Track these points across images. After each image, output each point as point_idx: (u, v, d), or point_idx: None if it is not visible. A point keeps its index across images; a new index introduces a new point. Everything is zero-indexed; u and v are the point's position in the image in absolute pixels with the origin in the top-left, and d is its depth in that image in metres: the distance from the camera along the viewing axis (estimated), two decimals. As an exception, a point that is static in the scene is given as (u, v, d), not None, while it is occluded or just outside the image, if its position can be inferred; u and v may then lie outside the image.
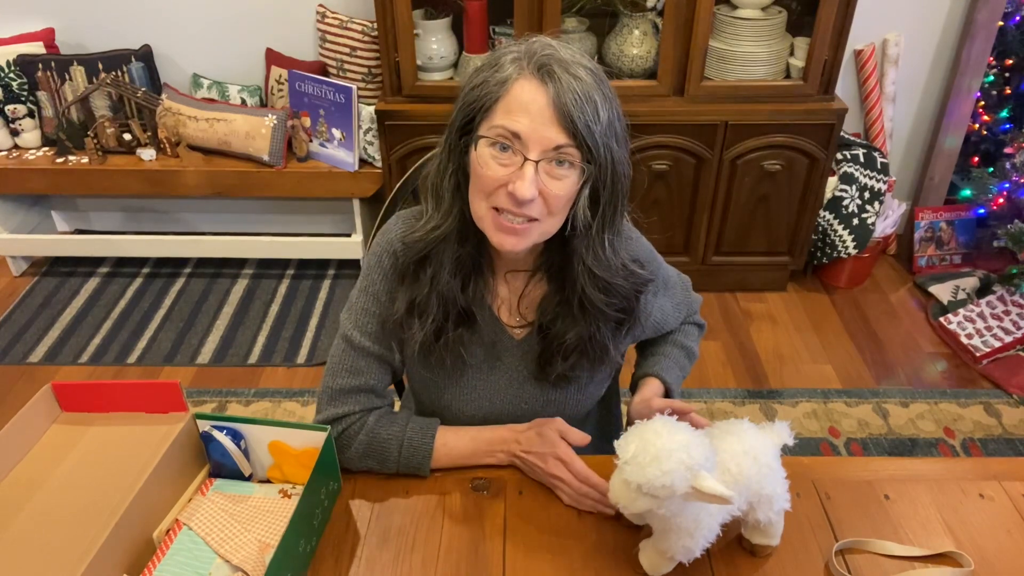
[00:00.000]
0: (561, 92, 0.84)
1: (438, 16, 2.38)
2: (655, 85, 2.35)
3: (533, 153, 0.86)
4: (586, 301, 0.98)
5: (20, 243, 2.82)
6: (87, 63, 2.58)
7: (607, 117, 0.87)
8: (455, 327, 1.02)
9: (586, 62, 0.89)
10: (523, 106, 0.86)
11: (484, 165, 0.89)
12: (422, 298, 1.00)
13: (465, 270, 1.00)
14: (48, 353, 2.50)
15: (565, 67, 0.85)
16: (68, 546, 0.88)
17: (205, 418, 1.00)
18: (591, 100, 0.85)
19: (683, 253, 2.62)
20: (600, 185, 0.91)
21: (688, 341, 1.25)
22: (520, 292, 1.05)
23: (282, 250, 2.82)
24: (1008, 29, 2.56)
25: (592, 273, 0.96)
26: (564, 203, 0.91)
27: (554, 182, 0.88)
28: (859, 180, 2.55)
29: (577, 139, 0.86)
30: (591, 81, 0.87)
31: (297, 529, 0.89)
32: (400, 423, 1.06)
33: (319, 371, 2.42)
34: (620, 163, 0.91)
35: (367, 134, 2.50)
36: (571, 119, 0.84)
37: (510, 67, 0.87)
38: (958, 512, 1.00)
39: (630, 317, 1.04)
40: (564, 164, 0.88)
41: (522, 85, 0.86)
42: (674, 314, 1.22)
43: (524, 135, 0.86)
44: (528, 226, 0.91)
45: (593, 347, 1.02)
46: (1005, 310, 2.50)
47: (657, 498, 0.79)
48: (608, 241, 0.96)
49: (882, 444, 2.14)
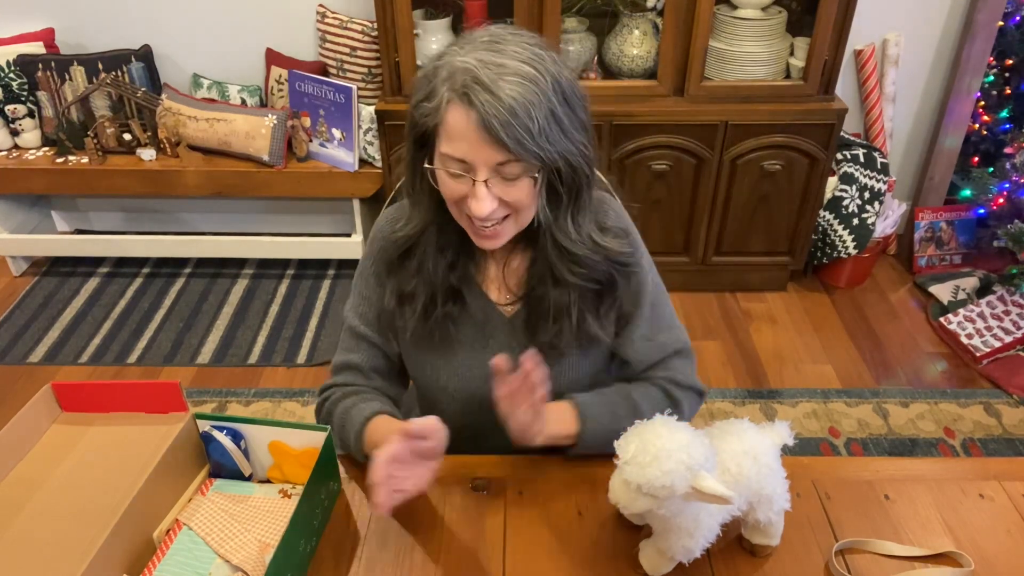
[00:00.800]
0: (485, 116, 0.83)
1: (438, 16, 2.38)
2: (655, 85, 2.35)
3: (480, 174, 0.88)
4: (556, 271, 1.00)
5: (20, 243, 2.83)
6: (87, 63, 2.58)
7: (543, 118, 0.85)
8: (443, 304, 1.05)
9: (516, 62, 0.85)
10: (459, 133, 0.87)
11: (443, 185, 0.93)
12: (409, 288, 1.05)
13: (451, 250, 1.04)
14: (48, 353, 2.50)
15: (486, 86, 0.83)
16: (68, 546, 0.88)
17: (205, 418, 1.00)
18: (517, 114, 0.83)
19: (683, 253, 2.62)
20: (555, 179, 0.92)
21: (643, 402, 1.07)
22: (504, 263, 1.07)
23: (282, 250, 2.82)
24: (1008, 29, 2.56)
25: (558, 244, 0.98)
26: (528, 201, 0.92)
27: (509, 190, 0.90)
28: (859, 180, 2.55)
29: (514, 155, 0.86)
30: (518, 90, 0.83)
31: (297, 529, 0.89)
32: (361, 403, 1.08)
33: (319, 371, 2.42)
34: (572, 154, 0.90)
35: (367, 134, 2.50)
36: (500, 139, 0.84)
37: (441, 89, 0.87)
38: (958, 512, 1.00)
39: (611, 291, 1.04)
40: (512, 175, 0.89)
41: (452, 111, 0.86)
42: (647, 325, 1.10)
43: (467, 159, 0.88)
44: (500, 227, 0.95)
45: (571, 315, 1.03)
46: (1005, 310, 2.50)
47: (657, 498, 0.79)
48: (572, 216, 0.97)
49: (882, 444, 2.14)
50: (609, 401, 1.07)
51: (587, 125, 0.93)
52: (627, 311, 1.09)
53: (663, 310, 1.12)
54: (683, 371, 1.12)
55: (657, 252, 2.61)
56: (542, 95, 0.85)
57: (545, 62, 0.87)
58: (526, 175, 0.89)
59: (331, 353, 2.47)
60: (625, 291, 1.06)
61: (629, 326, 1.10)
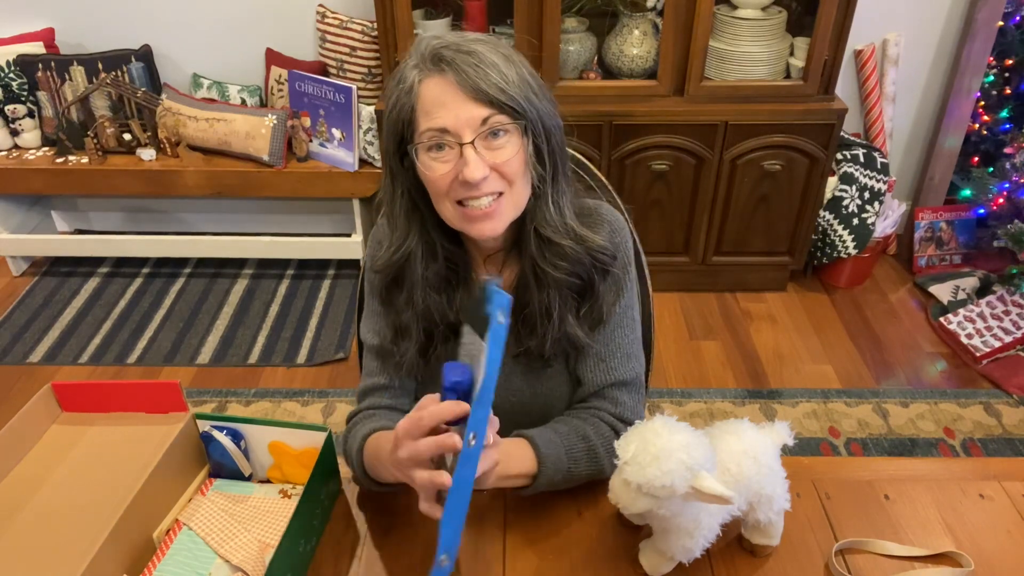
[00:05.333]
0: (460, 71, 0.86)
1: (438, 16, 2.38)
2: (655, 85, 2.35)
3: (466, 136, 0.88)
4: (536, 268, 0.99)
5: (20, 243, 2.83)
6: (87, 63, 2.58)
7: (516, 73, 0.89)
8: (444, 343, 1.03)
9: (480, 35, 0.91)
10: (437, 102, 0.88)
11: (429, 169, 0.91)
12: (402, 321, 1.02)
13: (446, 285, 1.01)
14: (48, 353, 2.50)
15: (456, 48, 0.87)
16: (68, 546, 0.88)
17: (205, 418, 1.00)
18: (493, 64, 0.87)
19: (683, 253, 2.62)
20: (539, 141, 0.93)
21: (597, 440, 1.00)
22: (498, 272, 1.06)
23: (282, 250, 2.82)
24: (1008, 29, 2.56)
25: (539, 234, 0.97)
26: (518, 168, 0.92)
27: (499, 152, 0.90)
28: (859, 180, 2.55)
29: (496, 104, 0.87)
30: (487, 49, 0.88)
31: (297, 529, 0.89)
32: (366, 421, 1.03)
33: (319, 371, 2.43)
34: (547, 115, 0.92)
35: (367, 134, 2.50)
36: (481, 90, 0.86)
37: (412, 73, 0.90)
38: (958, 512, 1.00)
39: (589, 292, 1.02)
40: (499, 134, 0.89)
41: (427, 84, 0.88)
42: (606, 341, 1.06)
43: (450, 126, 0.88)
44: (496, 205, 0.92)
45: (552, 316, 1.00)
46: (1005, 310, 2.50)
47: (657, 498, 0.79)
48: (553, 199, 0.97)
49: (882, 444, 2.14)
50: (567, 442, 0.99)
51: (555, 106, 0.95)
52: (596, 317, 1.04)
53: (626, 335, 1.07)
54: (631, 407, 1.06)
55: (657, 252, 2.64)
56: (514, 57, 0.90)
57: (513, 52, 0.92)
58: (512, 130, 0.89)
59: (331, 353, 2.48)
60: (604, 294, 1.03)
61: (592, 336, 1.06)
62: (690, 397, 2.29)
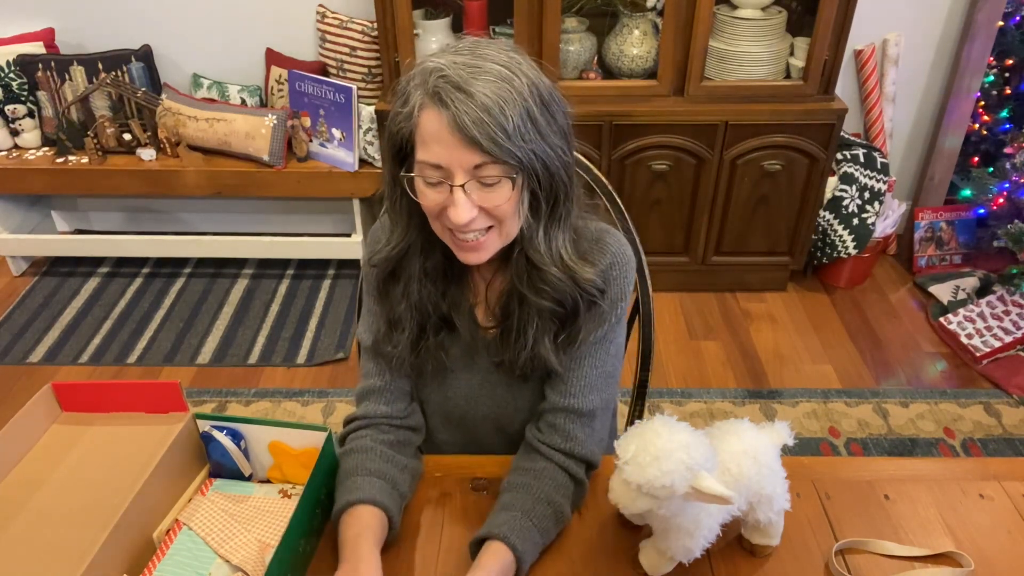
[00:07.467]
0: (458, 116, 0.81)
1: (438, 16, 2.38)
2: (655, 85, 2.35)
3: (457, 178, 0.85)
4: (520, 287, 0.97)
5: (20, 243, 2.82)
6: (87, 63, 2.57)
7: (519, 118, 0.83)
8: (435, 334, 1.03)
9: (490, 63, 0.84)
10: (433, 136, 0.84)
11: (422, 196, 0.90)
12: (397, 314, 1.02)
13: (439, 275, 1.01)
14: (48, 353, 2.50)
15: (458, 85, 0.82)
16: (68, 546, 0.88)
17: (205, 418, 1.00)
18: (492, 112, 0.81)
19: (683, 253, 2.62)
20: (535, 185, 0.89)
21: (559, 497, 0.97)
22: (488, 284, 1.04)
23: (282, 250, 2.82)
24: (1008, 29, 2.56)
25: (527, 258, 0.95)
26: (509, 210, 0.89)
27: (489, 195, 0.87)
28: (859, 180, 2.55)
29: (490, 155, 0.83)
30: (490, 88, 0.82)
31: (297, 529, 0.89)
32: (364, 465, 1.00)
33: (319, 371, 2.43)
34: (550, 158, 0.87)
35: (367, 134, 2.50)
36: (474, 139, 0.82)
37: (414, 95, 0.86)
38: (958, 512, 1.00)
39: (571, 320, 0.99)
40: (490, 179, 0.86)
41: (426, 115, 0.84)
42: (574, 372, 1.03)
43: (444, 164, 0.85)
44: (484, 239, 0.91)
45: (526, 339, 0.99)
46: (1005, 310, 2.50)
47: (657, 498, 0.79)
48: (546, 229, 0.93)
49: (882, 444, 2.14)
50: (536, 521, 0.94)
51: (566, 131, 0.90)
52: (571, 344, 1.01)
53: (595, 365, 1.03)
54: (582, 441, 1.02)
55: (657, 252, 2.64)
56: (517, 94, 0.83)
57: (522, 65, 0.86)
58: (505, 179, 0.86)
59: (331, 353, 2.48)
60: (586, 323, 1.00)
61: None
62: (690, 397, 2.29)
